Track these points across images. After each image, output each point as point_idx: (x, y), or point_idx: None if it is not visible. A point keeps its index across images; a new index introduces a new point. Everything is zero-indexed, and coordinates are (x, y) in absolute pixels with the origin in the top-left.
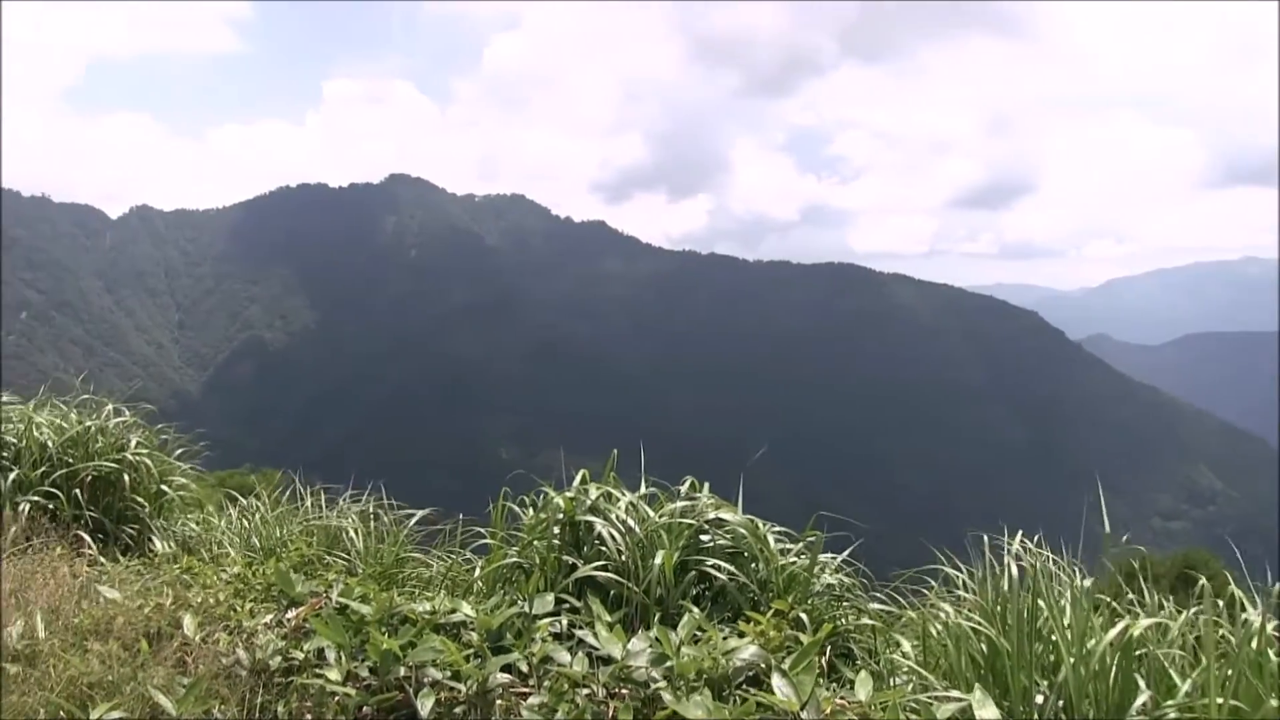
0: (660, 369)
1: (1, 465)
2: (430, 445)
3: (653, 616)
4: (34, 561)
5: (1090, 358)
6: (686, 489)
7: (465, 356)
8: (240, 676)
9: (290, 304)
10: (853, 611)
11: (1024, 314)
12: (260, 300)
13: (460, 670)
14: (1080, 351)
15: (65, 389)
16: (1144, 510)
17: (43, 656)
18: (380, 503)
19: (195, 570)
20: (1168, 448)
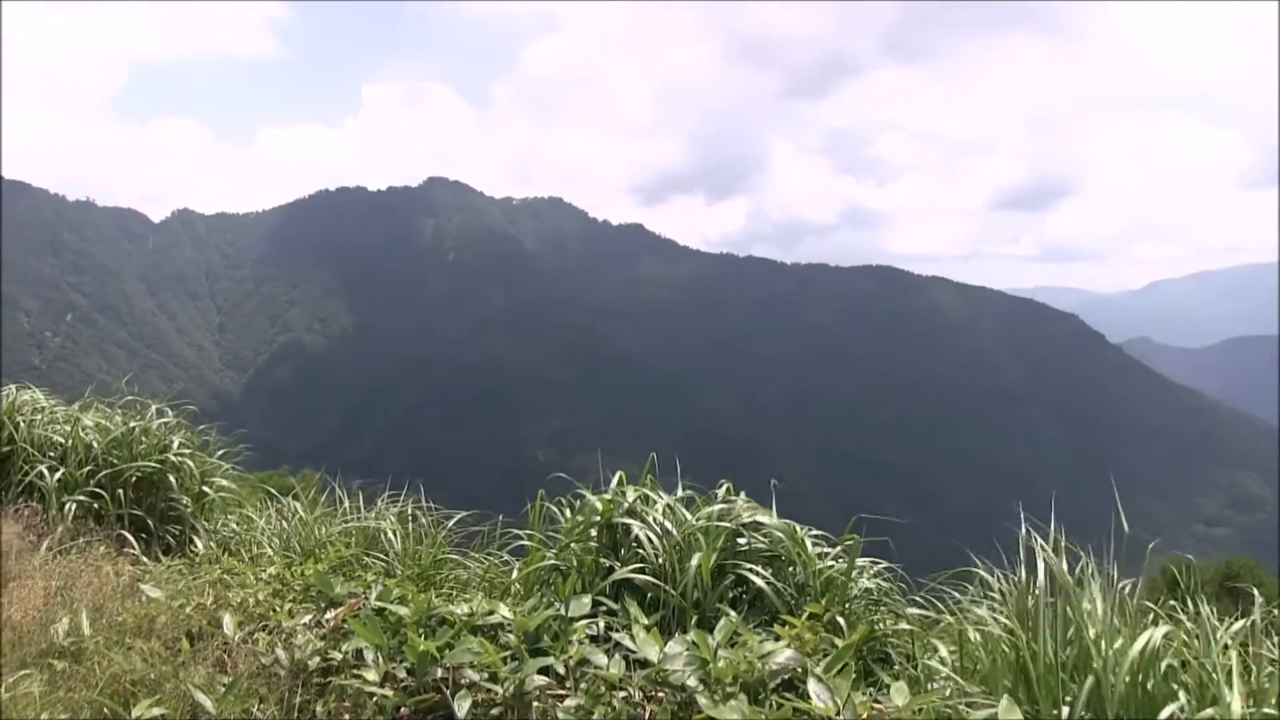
0: (698, 371)
1: (49, 465)
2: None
3: (690, 619)
4: (79, 560)
5: (1131, 361)
6: (724, 492)
7: (503, 359)
8: (279, 676)
9: (329, 307)
10: (890, 616)
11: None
12: (300, 303)
13: (497, 672)
14: (1121, 355)
15: (109, 391)
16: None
17: (88, 654)
18: (418, 504)
19: (235, 570)
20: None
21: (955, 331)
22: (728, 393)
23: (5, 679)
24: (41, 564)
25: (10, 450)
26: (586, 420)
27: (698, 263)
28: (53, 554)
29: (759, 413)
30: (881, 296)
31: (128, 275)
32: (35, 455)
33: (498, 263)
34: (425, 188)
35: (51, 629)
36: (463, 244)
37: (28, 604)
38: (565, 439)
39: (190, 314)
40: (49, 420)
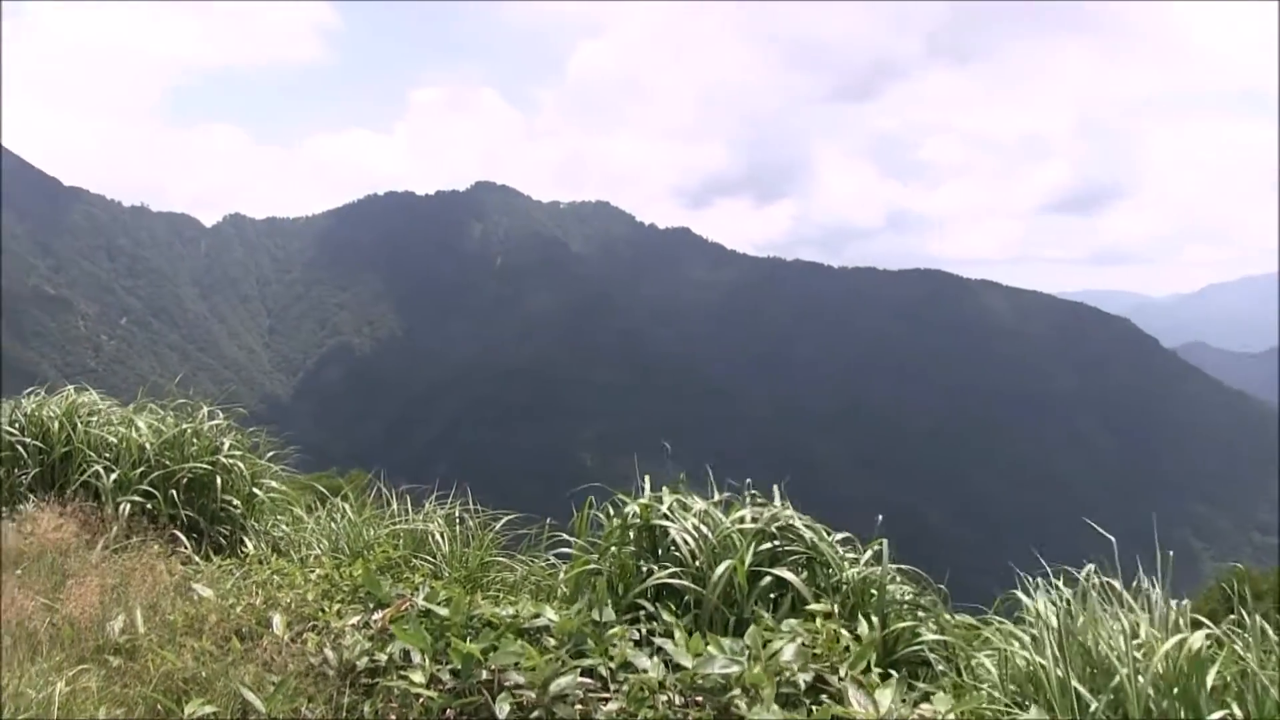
0: (743, 375)
1: (104, 465)
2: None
3: (727, 623)
4: (133, 558)
5: (1185, 366)
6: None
7: (549, 362)
8: (327, 676)
9: (378, 310)
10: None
11: (1116, 321)
12: (349, 307)
13: (540, 674)
14: (1175, 359)
15: (162, 393)
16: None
17: (142, 651)
18: (465, 507)
19: (285, 571)
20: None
21: (1005, 336)
22: (773, 397)
23: (65, 673)
24: (98, 562)
25: (68, 450)
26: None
27: (744, 266)
28: (108, 552)
29: (804, 417)
30: (930, 301)
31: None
32: (91, 456)
33: (545, 266)
34: (473, 192)
35: (107, 626)
36: (510, 248)
37: (85, 601)
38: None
39: (241, 317)
40: (104, 421)
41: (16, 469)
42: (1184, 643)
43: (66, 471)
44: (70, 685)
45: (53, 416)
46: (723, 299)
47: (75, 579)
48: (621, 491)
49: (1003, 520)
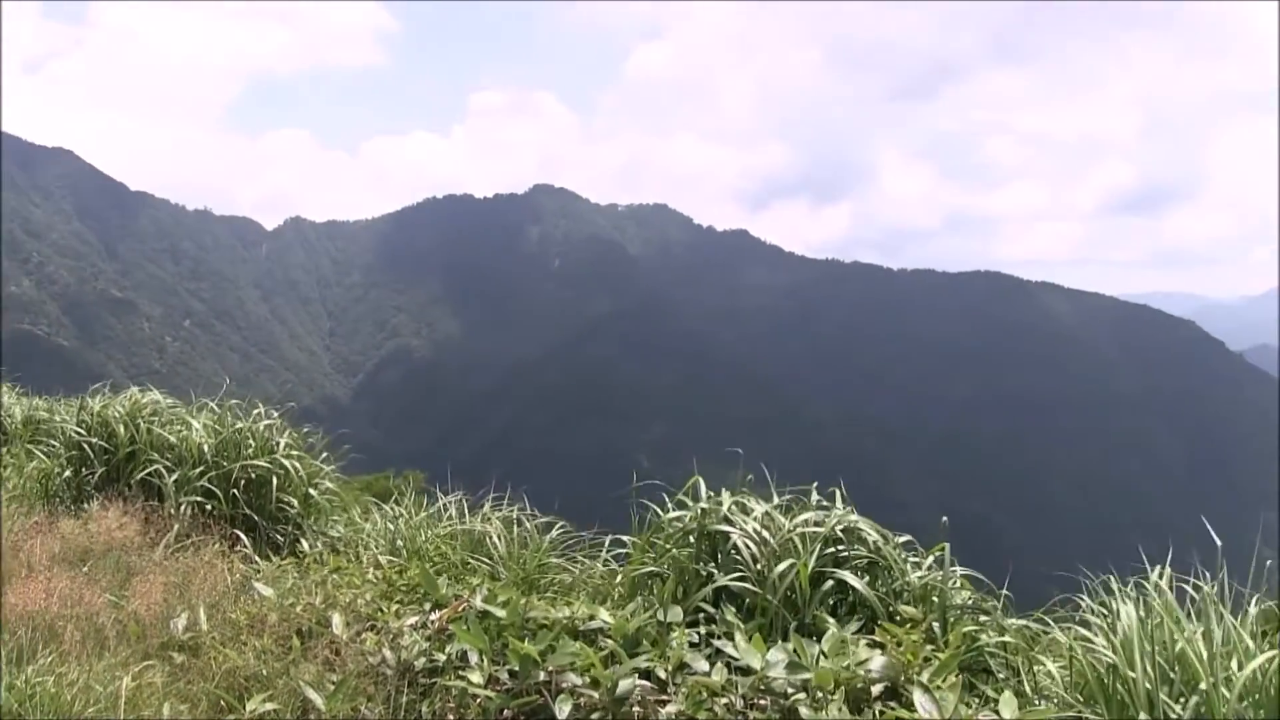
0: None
1: (166, 465)
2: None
3: (788, 626)
4: (195, 557)
5: (1254, 369)
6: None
7: (608, 365)
8: (386, 676)
9: (436, 312)
10: (994, 627)
11: (1181, 324)
12: (407, 309)
13: (597, 676)
14: (1242, 362)
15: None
16: None
17: (204, 648)
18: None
19: (343, 571)
20: None
21: (1066, 338)
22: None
23: (131, 669)
24: (160, 560)
25: (132, 450)
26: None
27: (802, 269)
28: (170, 551)
29: (864, 420)
30: (990, 303)
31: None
32: (154, 456)
33: (603, 269)
34: (531, 195)
35: (171, 623)
36: (568, 250)
37: (149, 598)
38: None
39: (301, 319)
40: (167, 421)
41: (84, 468)
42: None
43: (130, 471)
44: (136, 681)
45: (117, 417)
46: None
47: (140, 576)
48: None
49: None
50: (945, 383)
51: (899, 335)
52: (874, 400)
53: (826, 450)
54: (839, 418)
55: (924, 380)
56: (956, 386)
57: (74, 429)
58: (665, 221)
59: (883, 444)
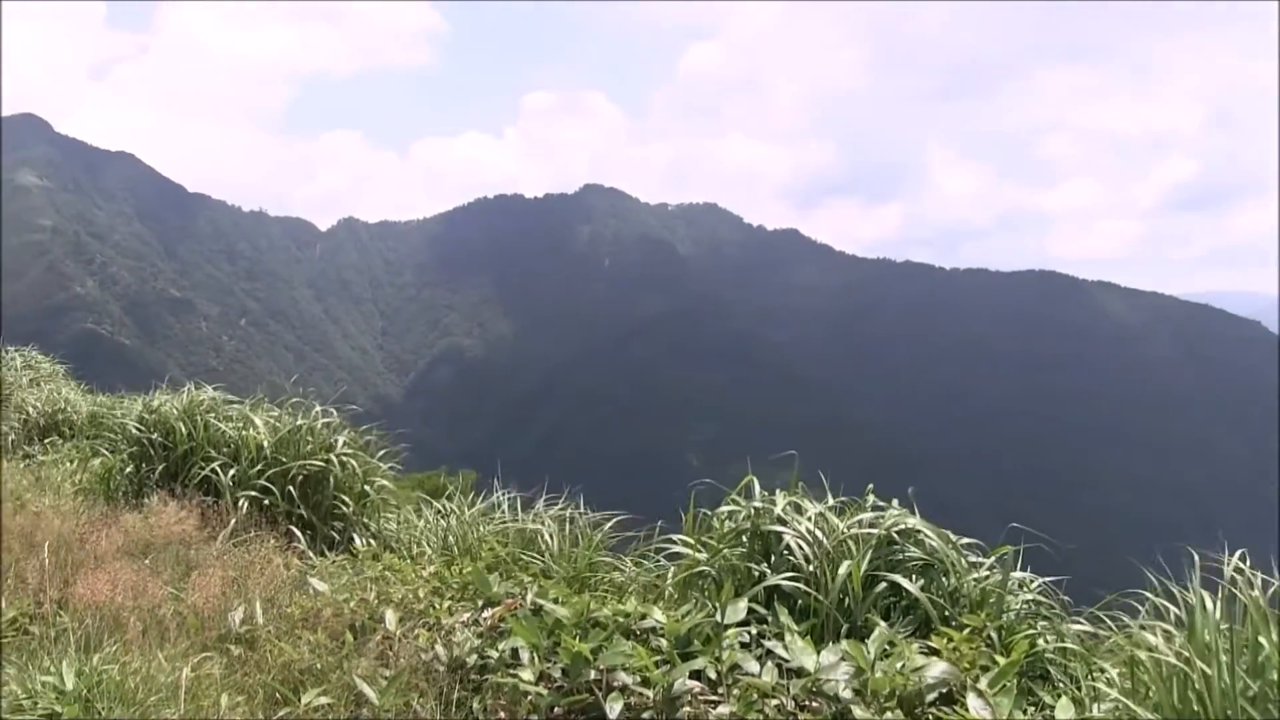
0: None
1: (223, 462)
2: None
3: (840, 628)
4: (251, 552)
5: None
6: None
7: (658, 364)
8: (438, 671)
9: (487, 312)
10: (1051, 632)
11: (1245, 323)
12: (459, 308)
13: (649, 676)
14: None
15: (278, 392)
16: None
17: (260, 642)
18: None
19: (396, 568)
20: None
21: (1124, 339)
22: (883, 400)
23: (190, 660)
24: (218, 555)
25: (190, 447)
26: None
27: (853, 268)
28: (228, 546)
29: (916, 421)
30: (1044, 302)
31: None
32: (211, 453)
33: (653, 269)
34: (581, 194)
35: (229, 616)
36: (618, 250)
37: (207, 592)
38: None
39: (354, 319)
40: (224, 419)
41: (144, 464)
42: None
43: (188, 467)
44: (195, 671)
45: (176, 415)
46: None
47: (199, 570)
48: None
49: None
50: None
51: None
52: (926, 401)
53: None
54: (891, 418)
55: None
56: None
57: (135, 426)
58: (715, 221)
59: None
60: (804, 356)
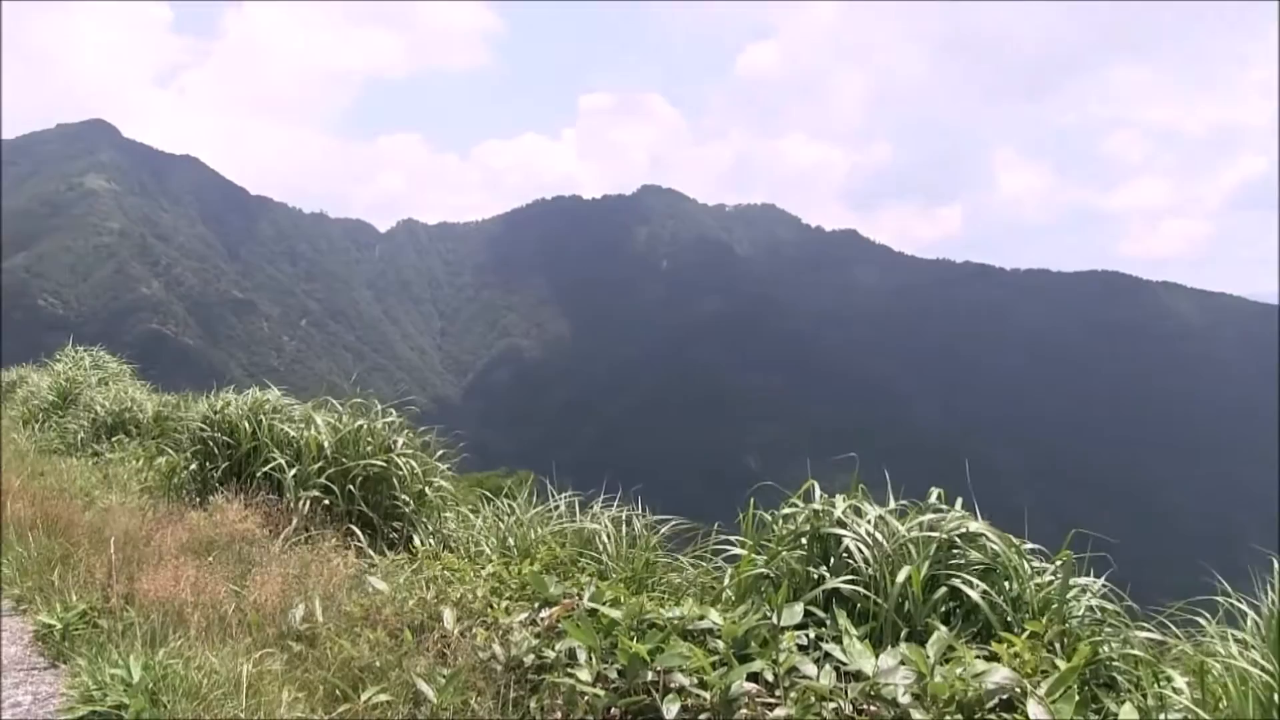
0: (911, 380)
1: (285, 461)
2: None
3: (899, 632)
4: (312, 550)
5: None
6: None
7: (716, 365)
8: (495, 671)
9: (545, 313)
10: (1116, 639)
11: None
12: (517, 309)
13: (706, 677)
14: None
15: (338, 392)
16: None
17: (320, 639)
18: (631, 508)
19: (455, 568)
20: None
21: (1190, 340)
22: (942, 403)
23: (251, 655)
24: (279, 552)
25: (254, 446)
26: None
27: (912, 269)
28: (289, 544)
29: (977, 423)
30: (1107, 303)
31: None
32: (274, 452)
33: (711, 269)
34: (639, 195)
35: (289, 613)
36: (676, 251)
37: (269, 589)
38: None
39: (414, 319)
40: (286, 418)
41: (208, 462)
42: None
43: (251, 466)
44: (257, 667)
45: (239, 414)
46: (891, 302)
47: (260, 568)
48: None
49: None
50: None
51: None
52: (986, 403)
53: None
54: (951, 421)
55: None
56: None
57: (200, 425)
58: (773, 221)
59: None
60: (863, 358)
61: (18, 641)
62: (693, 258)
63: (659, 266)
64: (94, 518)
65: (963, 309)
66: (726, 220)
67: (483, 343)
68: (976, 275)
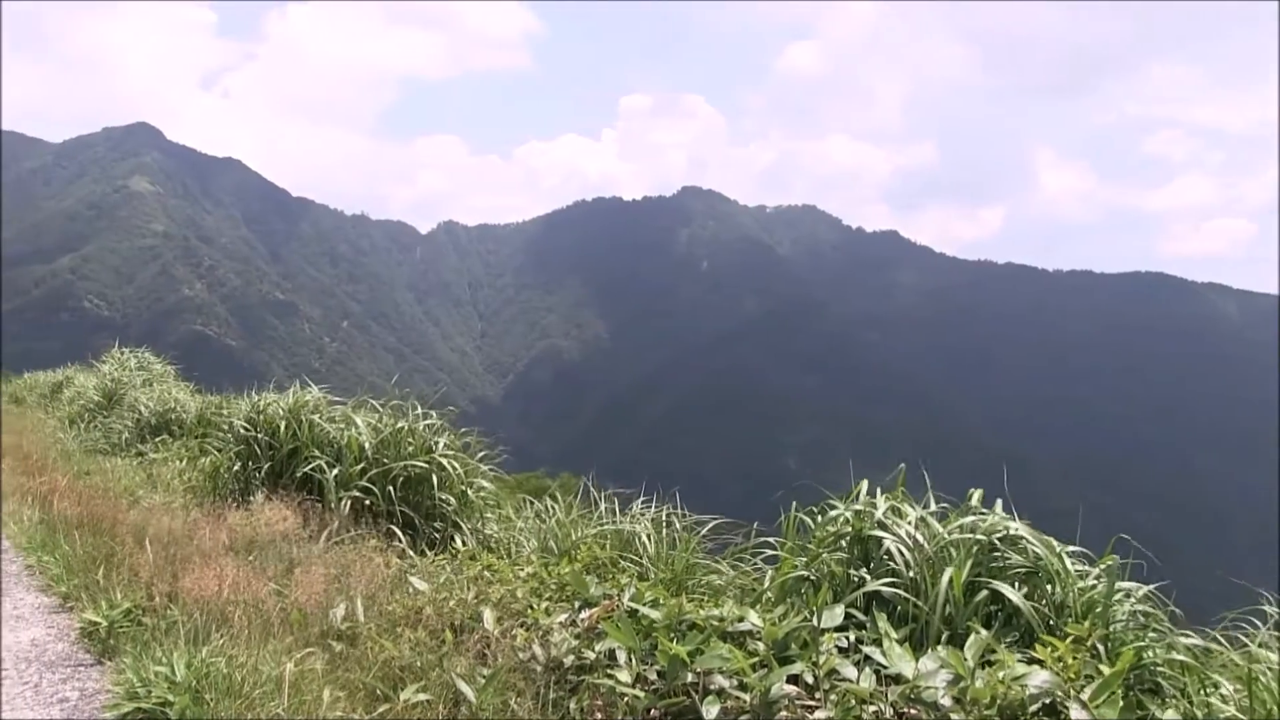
0: (953, 381)
1: (327, 461)
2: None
3: (940, 635)
4: (353, 551)
5: None
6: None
7: (756, 366)
8: (535, 671)
9: (585, 314)
10: (1161, 645)
11: None
12: (557, 310)
13: (746, 679)
14: None
15: (379, 393)
16: None
17: (361, 638)
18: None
19: (495, 568)
20: None
21: (1236, 342)
22: (984, 404)
23: (293, 655)
24: (321, 552)
25: (295, 447)
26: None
27: (953, 270)
28: (330, 544)
29: (1016, 425)
30: (1150, 304)
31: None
32: (315, 453)
33: (751, 271)
34: (679, 197)
35: (331, 613)
36: (716, 252)
37: (310, 589)
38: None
39: (454, 321)
40: (328, 419)
41: (250, 462)
42: None
43: (293, 466)
44: (298, 666)
45: (280, 415)
46: (931, 303)
47: (302, 567)
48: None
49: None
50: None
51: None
52: (1029, 405)
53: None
54: (992, 422)
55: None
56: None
57: (242, 425)
58: (814, 222)
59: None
60: (904, 359)
61: (64, 638)
62: (733, 259)
63: (699, 267)
64: (138, 517)
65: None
66: (767, 221)
67: (522, 344)
68: (1017, 276)
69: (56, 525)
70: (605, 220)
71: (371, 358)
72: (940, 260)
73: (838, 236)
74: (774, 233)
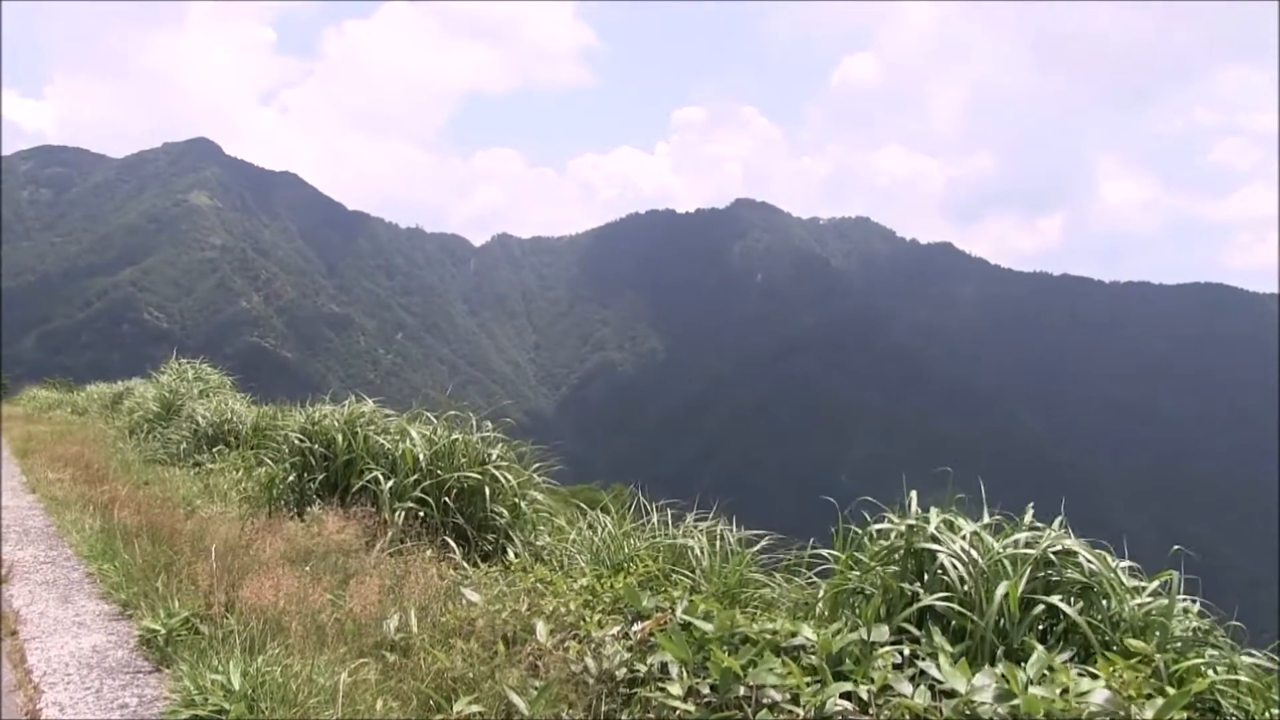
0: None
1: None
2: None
3: (995, 651)
4: (407, 562)
5: None
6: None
7: (811, 379)
8: (587, 684)
9: (639, 327)
10: (1223, 664)
11: None
12: (610, 323)
13: (799, 694)
14: None
15: (433, 405)
16: None
17: (415, 649)
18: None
19: (548, 580)
20: None
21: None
22: (1041, 418)
23: (347, 664)
24: (376, 563)
25: (350, 458)
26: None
27: (1010, 282)
28: (385, 555)
29: (1078, 438)
30: (1214, 316)
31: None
32: (370, 464)
33: (805, 283)
34: (733, 209)
35: (384, 623)
36: (770, 264)
37: (365, 599)
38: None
39: (508, 333)
40: (381, 430)
41: (306, 474)
42: None
43: (348, 477)
44: (352, 676)
45: (336, 426)
46: (988, 315)
47: (356, 578)
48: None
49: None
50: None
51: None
52: (1087, 418)
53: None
54: (1050, 436)
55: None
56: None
57: (297, 436)
58: (868, 234)
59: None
60: (960, 372)
61: (124, 645)
62: (788, 271)
63: (754, 280)
64: (195, 526)
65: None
66: (821, 233)
67: (576, 356)
68: (1075, 288)
69: (116, 533)
70: (659, 233)
71: (426, 370)
72: (995, 272)
73: (891, 248)
74: (827, 245)
